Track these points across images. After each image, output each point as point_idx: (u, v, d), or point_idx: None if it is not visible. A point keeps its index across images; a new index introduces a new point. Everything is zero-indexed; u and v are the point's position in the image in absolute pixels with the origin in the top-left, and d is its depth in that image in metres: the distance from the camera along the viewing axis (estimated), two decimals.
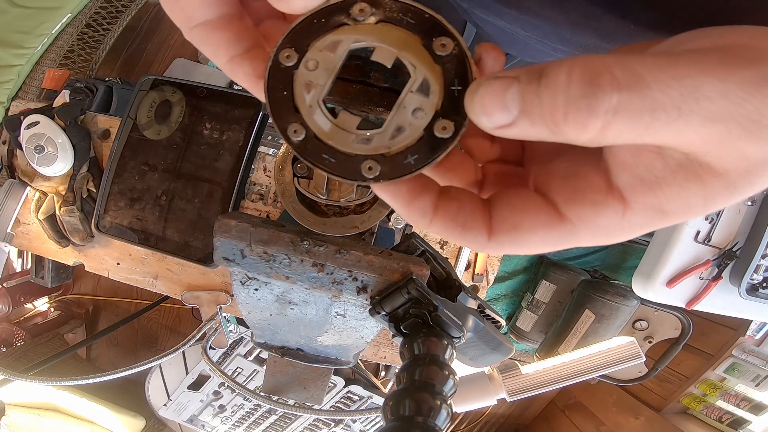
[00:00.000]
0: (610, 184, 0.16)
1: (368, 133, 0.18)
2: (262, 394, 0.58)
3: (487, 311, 0.40)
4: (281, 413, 1.29)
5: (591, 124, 0.13)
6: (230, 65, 0.20)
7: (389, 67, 0.18)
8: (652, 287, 0.98)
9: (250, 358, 1.17)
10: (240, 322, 0.97)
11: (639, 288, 1.02)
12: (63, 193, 0.79)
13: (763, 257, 0.92)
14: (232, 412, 1.33)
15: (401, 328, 0.32)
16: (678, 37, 0.16)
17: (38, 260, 1.00)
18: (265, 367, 0.64)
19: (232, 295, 0.82)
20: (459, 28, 0.52)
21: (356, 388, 1.16)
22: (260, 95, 0.20)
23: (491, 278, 0.87)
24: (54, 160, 0.77)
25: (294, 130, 0.19)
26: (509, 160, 0.23)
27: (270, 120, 0.20)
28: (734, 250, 0.96)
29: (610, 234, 0.17)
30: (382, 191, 0.19)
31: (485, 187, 0.22)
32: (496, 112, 0.15)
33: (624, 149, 0.16)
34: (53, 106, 0.83)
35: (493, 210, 0.18)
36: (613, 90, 0.13)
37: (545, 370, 0.53)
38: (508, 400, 0.52)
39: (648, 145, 0.15)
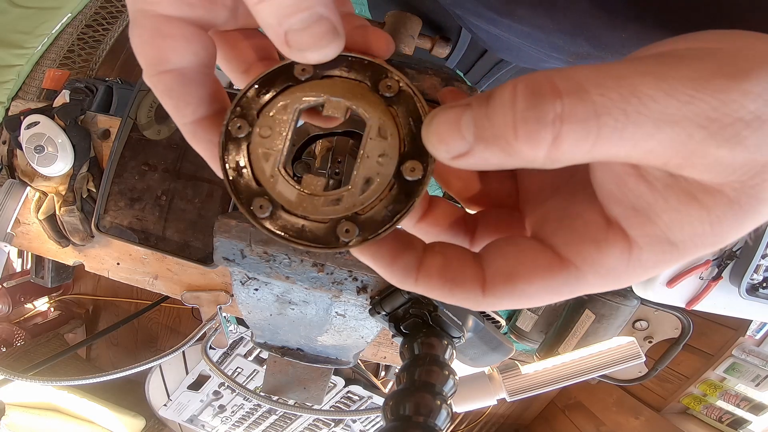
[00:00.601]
0: (609, 220, 0.15)
1: (337, 193, 0.17)
2: (262, 394, 0.58)
3: (487, 311, 0.40)
4: (281, 413, 1.29)
5: (541, 136, 0.13)
6: (194, 127, 0.18)
7: (343, 119, 0.18)
8: (652, 287, 0.98)
9: (250, 358, 1.17)
10: (240, 322, 0.97)
11: (639, 288, 1.03)
12: (63, 193, 0.79)
13: (763, 257, 0.92)
14: (232, 412, 1.33)
15: (401, 328, 0.32)
16: (645, 47, 0.16)
17: (38, 260, 1.00)
18: (265, 367, 0.64)
19: (232, 295, 0.82)
20: (455, 33, 0.52)
21: (356, 388, 1.16)
22: (219, 168, 0.18)
23: None
24: (54, 160, 0.77)
25: (260, 205, 0.17)
26: (502, 203, 0.21)
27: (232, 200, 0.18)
28: (734, 250, 0.96)
29: (619, 276, 0.15)
30: (361, 254, 0.18)
31: (477, 238, 0.20)
32: (453, 141, 0.15)
33: (607, 179, 0.15)
34: (53, 106, 0.83)
35: (484, 262, 0.17)
36: (555, 98, 0.12)
37: (545, 370, 0.53)
38: (508, 400, 0.52)
39: (618, 163, 0.14)
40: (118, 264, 0.85)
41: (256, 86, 0.18)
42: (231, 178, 0.18)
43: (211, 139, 0.18)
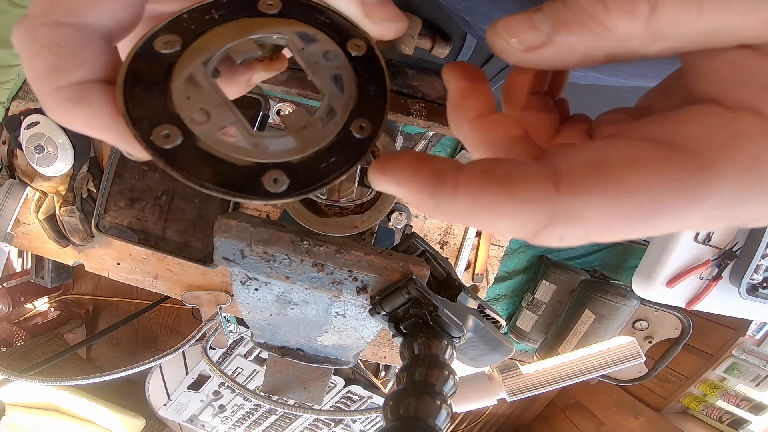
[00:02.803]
0: (733, 108, 0.12)
1: (324, 106, 0.16)
2: (262, 394, 0.58)
3: (487, 311, 0.40)
4: (281, 413, 1.29)
5: (638, 6, 0.11)
6: (81, 89, 0.14)
7: (265, 54, 0.17)
8: (652, 287, 0.98)
9: (250, 358, 1.17)
10: (240, 322, 0.97)
11: (639, 288, 1.03)
12: (63, 193, 0.79)
13: (763, 257, 0.92)
14: (232, 412, 1.33)
15: (401, 328, 0.32)
16: None
17: (38, 260, 1.00)
18: (265, 367, 0.64)
19: (232, 295, 0.82)
20: (459, 38, 0.52)
21: (356, 388, 1.16)
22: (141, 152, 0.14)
23: (491, 278, 0.87)
24: (54, 160, 0.77)
25: (273, 179, 0.15)
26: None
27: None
28: (734, 250, 0.96)
29: (763, 166, 0.11)
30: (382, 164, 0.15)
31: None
32: (526, 32, 0.13)
33: (721, 69, 0.13)
34: None
35: (546, 159, 0.13)
36: None
37: (545, 370, 0.53)
38: (508, 400, 0.52)
39: (730, 50, 0.12)
40: (118, 264, 0.85)
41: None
42: (208, 185, 0.15)
43: (106, 102, 0.14)
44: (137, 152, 0.15)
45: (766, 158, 0.11)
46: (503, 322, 0.41)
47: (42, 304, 1.87)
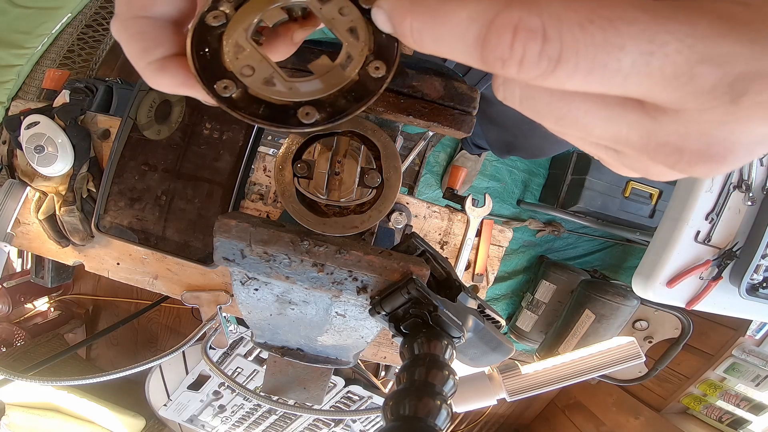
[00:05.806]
0: None
1: (344, 53, 0.19)
2: (262, 394, 0.58)
3: (487, 311, 0.40)
4: (281, 413, 1.29)
5: None
6: (164, 63, 0.19)
7: (286, 16, 0.20)
8: (652, 287, 0.98)
9: (250, 358, 1.17)
10: (240, 322, 0.97)
11: (639, 288, 1.03)
12: (63, 193, 0.79)
13: (763, 257, 0.92)
14: (232, 412, 1.33)
15: (401, 328, 0.32)
16: None
17: (38, 260, 0.99)
18: (265, 367, 0.64)
19: (232, 295, 0.82)
20: None
21: (356, 388, 1.16)
22: (207, 98, 0.19)
23: (491, 278, 0.87)
24: (54, 160, 0.77)
25: (305, 113, 0.19)
26: None
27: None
28: (734, 250, 0.96)
29: None
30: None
31: None
32: None
33: None
34: (53, 106, 0.83)
35: None
36: None
37: (545, 370, 0.53)
38: (508, 400, 0.52)
39: None
40: (118, 264, 0.85)
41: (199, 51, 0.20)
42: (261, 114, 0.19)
43: (182, 67, 0.19)
44: (207, 100, 0.20)
45: None
46: (503, 322, 0.41)
47: (42, 304, 1.87)
